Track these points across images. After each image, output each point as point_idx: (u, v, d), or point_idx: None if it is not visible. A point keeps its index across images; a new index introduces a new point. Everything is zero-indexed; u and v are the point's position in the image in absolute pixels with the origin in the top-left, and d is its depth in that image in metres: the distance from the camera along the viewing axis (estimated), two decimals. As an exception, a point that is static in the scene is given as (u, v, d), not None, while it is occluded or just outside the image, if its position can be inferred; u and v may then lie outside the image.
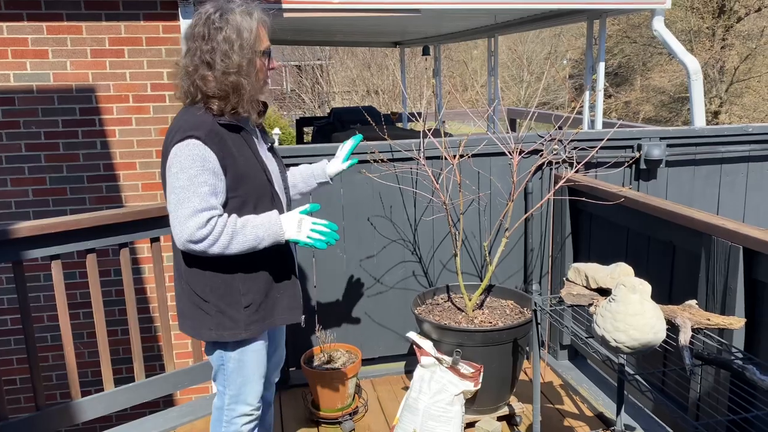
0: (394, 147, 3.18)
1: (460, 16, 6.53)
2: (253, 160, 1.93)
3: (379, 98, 19.98)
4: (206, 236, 1.79)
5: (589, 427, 2.85)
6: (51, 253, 2.57)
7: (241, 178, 1.88)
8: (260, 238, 1.86)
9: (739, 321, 1.94)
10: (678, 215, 2.42)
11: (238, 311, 1.94)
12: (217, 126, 1.85)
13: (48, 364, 3.90)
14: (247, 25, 1.85)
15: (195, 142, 1.80)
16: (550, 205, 3.41)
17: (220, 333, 1.96)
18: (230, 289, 1.93)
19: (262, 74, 1.92)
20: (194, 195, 1.78)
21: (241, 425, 2.09)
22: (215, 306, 1.94)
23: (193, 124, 1.83)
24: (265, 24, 1.92)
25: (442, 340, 2.73)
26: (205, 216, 1.79)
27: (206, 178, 1.80)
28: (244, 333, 1.96)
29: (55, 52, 3.68)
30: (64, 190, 3.81)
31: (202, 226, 1.78)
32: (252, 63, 1.86)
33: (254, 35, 1.85)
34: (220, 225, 1.81)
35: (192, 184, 1.79)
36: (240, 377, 2.03)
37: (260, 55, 1.89)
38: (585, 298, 2.16)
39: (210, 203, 1.80)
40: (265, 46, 1.91)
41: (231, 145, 1.87)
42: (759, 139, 3.57)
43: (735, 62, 18.82)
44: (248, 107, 1.88)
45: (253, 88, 1.87)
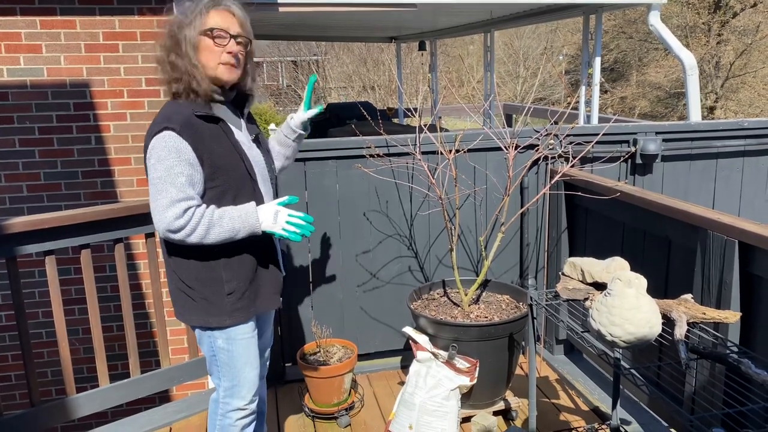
0: (390, 142, 3.17)
1: (457, 11, 6.51)
2: (232, 150, 1.94)
3: (376, 94, 19.96)
4: (184, 226, 1.83)
5: (585, 421, 2.86)
6: (45, 248, 2.56)
7: (218, 169, 1.90)
8: (236, 230, 1.89)
9: (735, 315, 1.94)
10: (673, 209, 2.42)
11: (222, 298, 1.97)
12: (194, 118, 1.88)
13: (43, 360, 3.88)
14: (192, 8, 1.91)
15: (170, 134, 1.84)
16: (546, 199, 3.41)
17: (206, 319, 1.99)
18: (213, 277, 1.96)
19: (211, 53, 1.90)
20: (171, 185, 1.83)
21: (235, 419, 2.11)
22: (200, 293, 1.97)
23: (169, 116, 1.88)
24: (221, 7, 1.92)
25: (438, 335, 2.73)
26: (183, 206, 1.83)
27: (182, 168, 1.84)
28: (229, 320, 1.99)
29: (48, 46, 3.65)
30: (59, 186, 3.79)
31: (180, 216, 1.83)
32: (190, 42, 1.88)
33: (199, 17, 1.88)
34: (197, 215, 1.84)
35: (169, 175, 1.83)
36: (231, 366, 2.05)
37: (203, 34, 1.89)
38: (581, 292, 2.17)
39: (187, 193, 1.84)
40: (215, 24, 1.89)
41: (208, 137, 1.89)
42: (754, 133, 3.58)
43: (731, 58, 18.86)
44: (203, 83, 1.90)
45: (197, 68, 1.88)
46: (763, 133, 3.59)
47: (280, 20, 6.66)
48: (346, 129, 7.94)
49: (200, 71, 1.89)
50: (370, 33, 10.79)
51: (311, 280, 3.27)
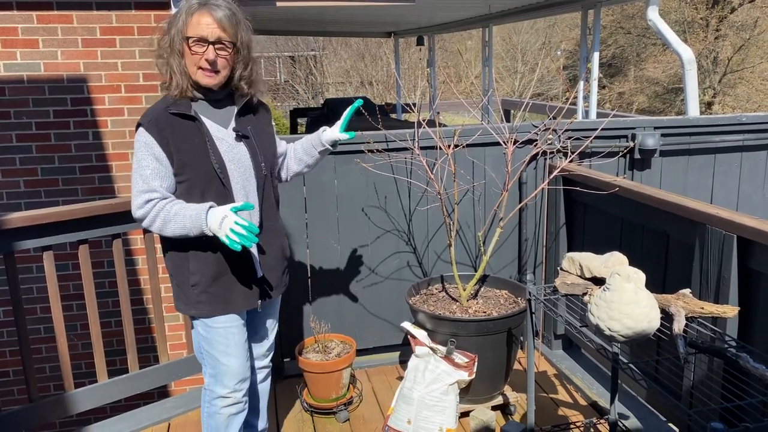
0: (389, 137, 3.16)
1: (455, 6, 6.50)
2: (203, 148, 1.98)
3: (374, 89, 19.94)
4: (144, 216, 1.96)
5: (583, 416, 2.86)
6: (43, 244, 2.55)
7: (185, 165, 1.97)
8: (187, 228, 1.95)
9: (733, 309, 1.94)
10: (672, 204, 2.42)
11: (188, 289, 2.07)
12: (167, 115, 1.96)
13: (41, 356, 3.88)
14: (181, 8, 1.95)
15: (140, 130, 1.96)
16: (544, 194, 3.41)
17: (181, 306, 2.12)
18: (183, 267, 2.07)
19: (190, 59, 1.94)
20: (139, 177, 1.95)
21: (219, 407, 2.16)
22: (176, 281, 2.11)
23: (145, 113, 1.99)
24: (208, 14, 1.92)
25: (437, 330, 2.73)
26: (145, 197, 1.94)
27: (149, 162, 1.94)
28: (193, 310, 2.09)
29: (45, 41, 3.64)
30: (56, 181, 3.79)
31: (141, 207, 1.95)
32: (173, 45, 1.95)
33: (182, 20, 1.93)
34: (157, 208, 1.95)
35: (139, 167, 1.95)
36: (210, 354, 2.13)
37: (185, 40, 1.93)
38: (579, 287, 2.17)
39: (150, 186, 1.94)
40: (193, 33, 1.92)
41: (179, 133, 1.96)
42: (753, 128, 3.58)
43: (728, 53, 18.85)
44: (177, 89, 1.97)
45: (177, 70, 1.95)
46: (761, 128, 3.59)
47: (278, 15, 6.64)
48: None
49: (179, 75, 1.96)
50: (368, 28, 10.77)
51: (309, 276, 3.27)
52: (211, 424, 2.19)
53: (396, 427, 2.69)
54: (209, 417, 2.19)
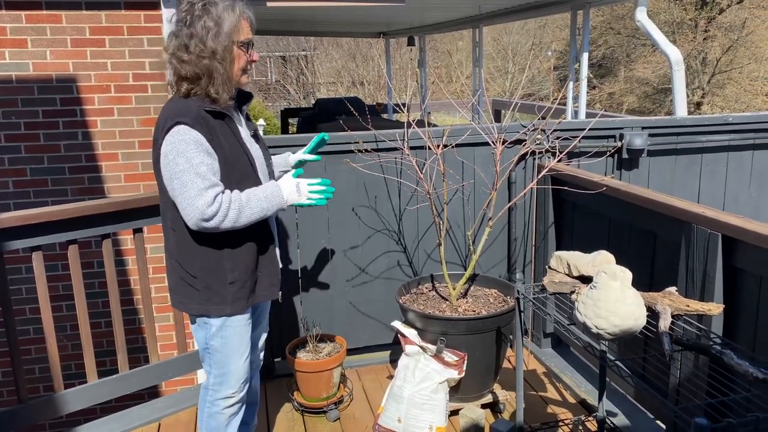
0: (379, 137, 3.18)
1: (445, 6, 6.52)
2: (237, 145, 2.01)
3: (365, 89, 19.94)
4: (216, 213, 1.88)
5: (572, 413, 2.89)
6: (32, 244, 2.55)
7: (227, 162, 1.96)
8: (265, 209, 1.98)
9: (718, 307, 1.97)
10: (658, 203, 2.45)
11: (224, 287, 2.03)
12: (203, 112, 1.93)
13: (31, 356, 3.86)
14: (227, 17, 1.95)
15: (184, 128, 1.88)
16: (533, 194, 3.44)
17: (207, 308, 2.04)
18: (218, 267, 2.02)
19: (241, 63, 2.00)
20: (196, 176, 1.87)
21: (222, 408, 2.16)
22: (203, 282, 2.02)
23: (180, 111, 1.92)
24: (248, 18, 2.01)
25: (427, 328, 2.75)
26: (212, 193, 1.88)
27: (203, 158, 1.89)
28: (230, 308, 2.05)
29: (34, 41, 3.63)
30: (45, 182, 3.77)
31: (211, 204, 1.87)
32: (228, 50, 1.95)
33: (232, 26, 1.95)
34: (226, 201, 1.90)
35: (191, 166, 1.87)
36: (222, 354, 2.10)
37: (239, 45, 1.97)
38: (567, 285, 2.19)
39: (212, 181, 1.89)
40: (245, 37, 1.99)
41: (217, 131, 1.95)
42: (739, 128, 3.62)
43: (717, 54, 18.99)
44: (220, 91, 1.95)
45: (227, 74, 1.96)
46: (747, 128, 3.63)
47: (268, 15, 6.64)
48: (335, 125, 7.94)
49: (227, 80, 1.95)
50: (359, 28, 10.78)
51: (300, 276, 3.28)
52: (211, 424, 2.18)
53: (386, 426, 2.71)
54: (210, 417, 2.18)
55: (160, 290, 3.88)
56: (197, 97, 1.95)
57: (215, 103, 1.96)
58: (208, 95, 1.94)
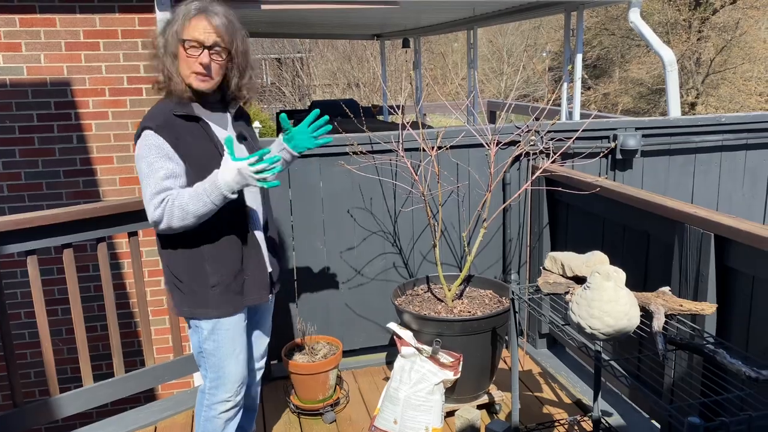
0: (374, 139, 3.18)
1: (439, 8, 6.53)
2: (211, 148, 2.00)
3: (360, 91, 19.95)
4: (161, 216, 1.90)
5: (568, 413, 2.89)
6: (27, 248, 2.54)
7: (195, 166, 1.96)
8: (209, 201, 1.90)
9: (711, 307, 1.98)
10: (651, 204, 2.46)
11: (206, 290, 2.04)
12: (172, 117, 1.96)
13: (26, 361, 3.86)
14: (176, 12, 1.95)
15: (149, 133, 1.93)
16: (527, 195, 3.44)
17: (193, 311, 2.06)
18: (199, 270, 2.03)
19: (190, 63, 1.94)
20: (152, 180, 1.91)
21: (219, 412, 2.16)
22: (188, 286, 2.05)
23: (149, 116, 1.97)
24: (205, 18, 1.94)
25: (422, 330, 2.75)
26: (160, 198, 1.90)
27: (162, 164, 1.91)
28: (215, 312, 2.05)
29: (28, 45, 3.62)
30: (40, 185, 3.77)
31: (158, 207, 1.90)
32: (169, 46, 1.95)
33: (177, 22, 1.93)
34: (170, 202, 1.90)
35: (151, 171, 1.91)
36: (216, 357, 2.10)
37: (182, 43, 1.93)
38: (561, 286, 2.20)
39: (164, 186, 1.91)
40: (191, 36, 1.92)
41: (187, 135, 1.96)
42: (732, 129, 3.64)
43: (711, 54, 19.06)
44: (176, 89, 1.96)
45: (173, 72, 1.95)
46: (740, 128, 3.65)
47: (263, 18, 6.65)
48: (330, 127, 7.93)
49: (177, 76, 1.96)
50: (354, 30, 10.78)
51: (296, 278, 3.28)
52: (208, 427, 2.18)
53: (382, 428, 2.71)
54: (207, 421, 2.18)
55: (155, 293, 3.88)
56: (169, 99, 1.99)
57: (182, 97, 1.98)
58: (170, 91, 1.97)
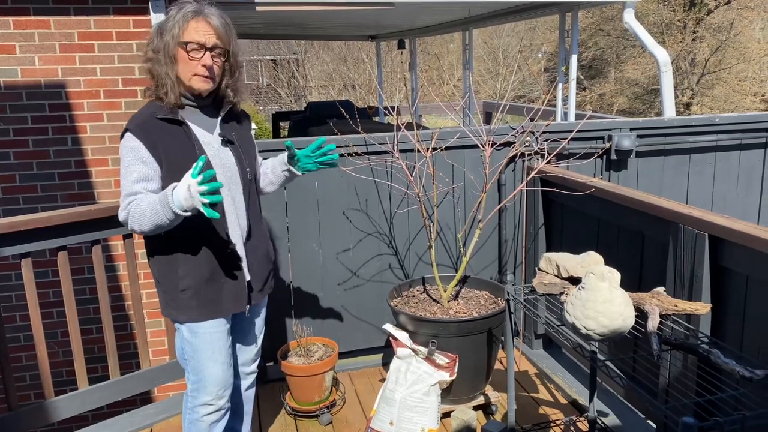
0: (369, 140, 3.18)
1: (434, 10, 6.54)
2: (192, 152, 1.99)
3: (356, 92, 19.95)
4: (126, 218, 1.95)
5: (563, 414, 2.90)
6: (21, 251, 2.53)
7: (174, 170, 1.96)
8: (160, 213, 1.83)
9: (705, 306, 1.99)
10: (646, 204, 2.47)
11: (177, 294, 2.06)
12: (154, 120, 1.97)
13: (21, 364, 3.84)
14: (173, 15, 1.96)
15: (128, 135, 1.96)
16: (523, 196, 3.45)
17: (170, 312, 2.10)
18: (171, 273, 2.05)
19: (190, 66, 1.96)
20: (126, 182, 1.95)
21: (202, 415, 2.16)
22: (163, 287, 2.09)
23: (131, 118, 1.99)
24: (204, 20, 1.95)
25: (418, 331, 2.76)
26: (128, 200, 1.94)
27: (136, 167, 1.94)
28: (184, 316, 2.07)
29: (22, 47, 3.61)
30: (35, 188, 3.75)
31: (124, 209, 1.95)
32: (168, 49, 1.95)
33: (175, 25, 1.94)
34: (133, 207, 1.93)
35: (126, 173, 1.95)
36: (195, 360, 2.12)
37: (182, 46, 1.94)
38: (556, 287, 2.20)
39: (134, 189, 1.94)
40: (192, 38, 1.94)
41: (167, 137, 1.97)
42: (726, 129, 3.65)
43: (706, 54, 19.11)
44: (167, 93, 1.97)
45: (171, 75, 1.96)
46: (734, 128, 3.66)
47: (258, 19, 6.64)
48: (326, 128, 7.94)
49: (173, 81, 1.96)
50: (349, 32, 10.78)
51: (291, 279, 3.28)
52: (192, 429, 2.19)
53: (378, 429, 2.71)
54: (191, 423, 2.19)
55: (150, 296, 3.87)
56: (160, 104, 1.99)
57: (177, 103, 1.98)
58: (158, 97, 1.98)
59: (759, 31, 18.94)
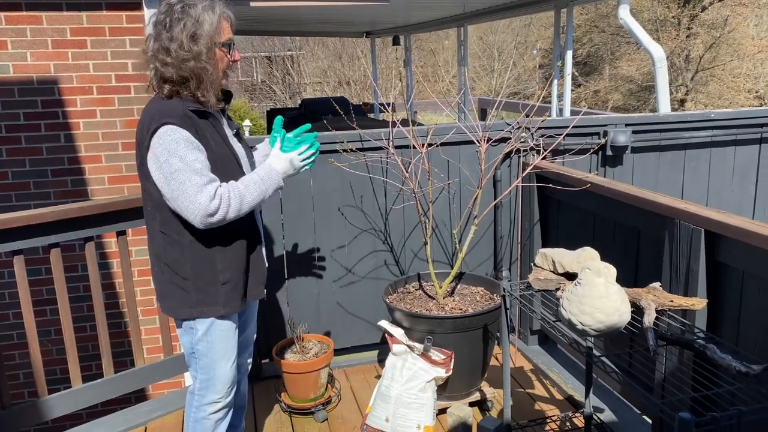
0: (364, 137, 3.17)
1: (429, 5, 6.53)
2: (224, 144, 2.01)
3: (351, 89, 19.92)
4: (219, 206, 1.87)
5: (559, 410, 2.90)
6: (13, 248, 2.51)
7: (214, 161, 1.95)
8: (263, 191, 1.99)
9: (701, 302, 1.98)
10: (641, 199, 2.46)
11: (217, 288, 2.02)
12: (189, 111, 1.92)
13: (14, 362, 3.82)
14: (207, 18, 1.93)
15: (172, 128, 1.86)
16: (518, 192, 3.44)
17: (201, 310, 2.03)
18: (210, 267, 2.00)
19: (222, 64, 2.00)
20: (193, 173, 1.85)
21: (209, 413, 2.14)
22: (195, 284, 2.00)
23: (165, 111, 1.89)
24: (228, 18, 2.00)
25: (414, 327, 2.75)
26: (212, 188, 1.87)
27: (196, 155, 1.87)
28: (223, 309, 2.04)
29: (14, 42, 3.58)
30: (27, 185, 3.73)
31: (213, 198, 1.86)
32: (211, 52, 1.93)
33: (214, 27, 1.93)
34: (226, 192, 1.90)
35: (186, 165, 1.85)
36: (208, 358, 2.09)
37: (220, 46, 1.96)
38: (552, 282, 2.19)
39: (210, 176, 1.89)
40: (226, 38, 1.98)
41: (203, 130, 1.95)
42: (721, 124, 3.65)
43: (700, 51, 19.16)
44: (208, 94, 1.95)
45: (212, 76, 1.95)
46: (729, 124, 3.67)
47: (252, 15, 6.61)
48: (321, 125, 7.93)
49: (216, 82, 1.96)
50: (344, 28, 10.76)
51: (287, 276, 3.26)
52: (197, 428, 2.17)
53: (374, 426, 2.70)
54: (196, 422, 2.16)
55: (145, 293, 3.85)
56: (180, 98, 1.94)
57: (202, 105, 1.96)
58: (196, 98, 1.94)
59: (753, 27, 19.00)
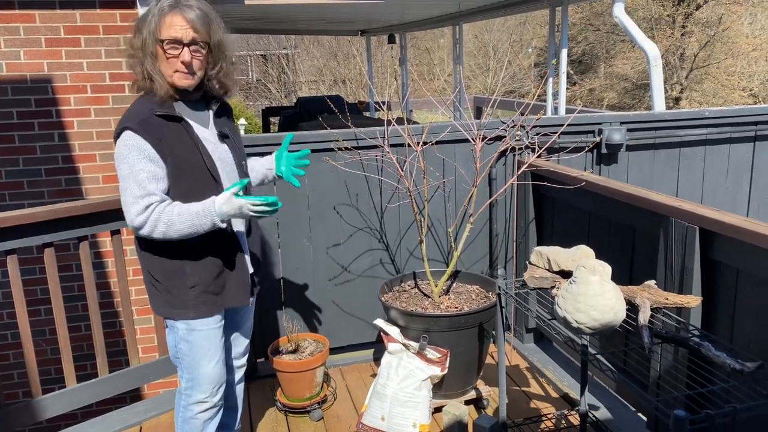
0: (359, 135, 3.17)
1: (424, 4, 6.52)
2: (193, 149, 1.97)
3: (347, 87, 19.90)
4: (145, 222, 1.87)
5: (555, 408, 2.90)
6: (6, 247, 2.50)
7: (179, 166, 1.93)
8: (197, 225, 1.91)
9: (696, 299, 1.99)
10: (636, 197, 2.47)
11: (185, 292, 2.01)
12: (153, 116, 1.91)
13: (9, 362, 3.81)
14: (150, 12, 1.91)
15: (129, 134, 1.88)
16: (513, 190, 3.44)
17: (170, 311, 2.05)
18: (177, 271, 2.01)
19: (171, 62, 1.91)
20: (134, 182, 1.87)
21: (196, 412, 2.15)
22: (164, 285, 2.03)
23: (128, 116, 1.92)
24: (181, 15, 1.89)
25: (409, 326, 2.75)
26: (144, 203, 1.87)
27: (143, 165, 1.87)
28: (192, 313, 2.03)
29: (7, 41, 3.57)
30: (21, 184, 3.71)
31: (141, 212, 1.87)
32: (148, 48, 1.90)
33: (152, 22, 1.89)
34: (157, 212, 1.88)
35: (131, 173, 1.87)
36: (190, 358, 2.09)
37: (159, 43, 1.89)
38: (547, 280, 2.19)
39: (148, 190, 1.87)
40: (168, 35, 1.88)
41: (168, 135, 1.92)
42: (716, 123, 3.66)
43: (695, 49, 19.21)
44: (157, 88, 1.92)
45: (157, 74, 1.91)
46: (724, 122, 3.67)
47: (247, 14, 6.60)
48: (316, 124, 7.92)
49: (160, 76, 1.92)
50: (339, 26, 10.75)
51: (282, 275, 3.26)
52: (185, 428, 2.17)
53: (370, 424, 2.70)
54: (184, 422, 2.17)
55: (139, 292, 3.84)
56: (148, 97, 1.94)
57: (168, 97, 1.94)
58: (153, 92, 1.93)
59: (747, 25, 19.06)
